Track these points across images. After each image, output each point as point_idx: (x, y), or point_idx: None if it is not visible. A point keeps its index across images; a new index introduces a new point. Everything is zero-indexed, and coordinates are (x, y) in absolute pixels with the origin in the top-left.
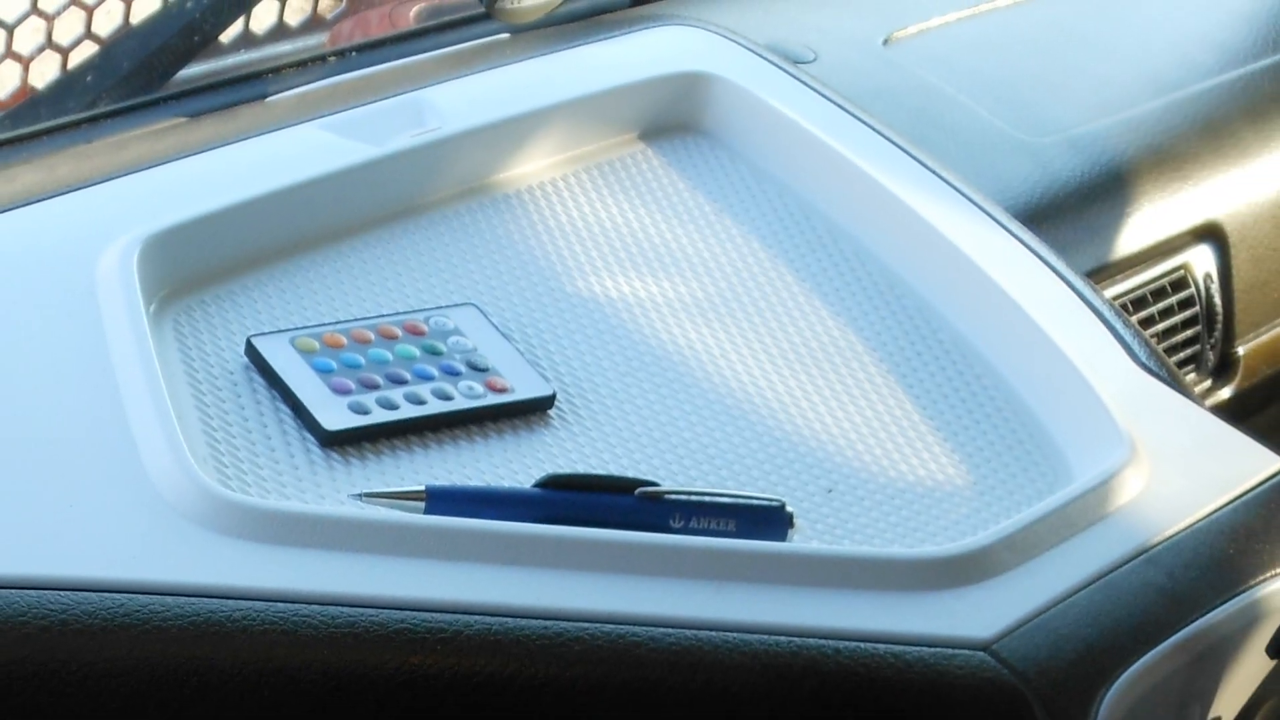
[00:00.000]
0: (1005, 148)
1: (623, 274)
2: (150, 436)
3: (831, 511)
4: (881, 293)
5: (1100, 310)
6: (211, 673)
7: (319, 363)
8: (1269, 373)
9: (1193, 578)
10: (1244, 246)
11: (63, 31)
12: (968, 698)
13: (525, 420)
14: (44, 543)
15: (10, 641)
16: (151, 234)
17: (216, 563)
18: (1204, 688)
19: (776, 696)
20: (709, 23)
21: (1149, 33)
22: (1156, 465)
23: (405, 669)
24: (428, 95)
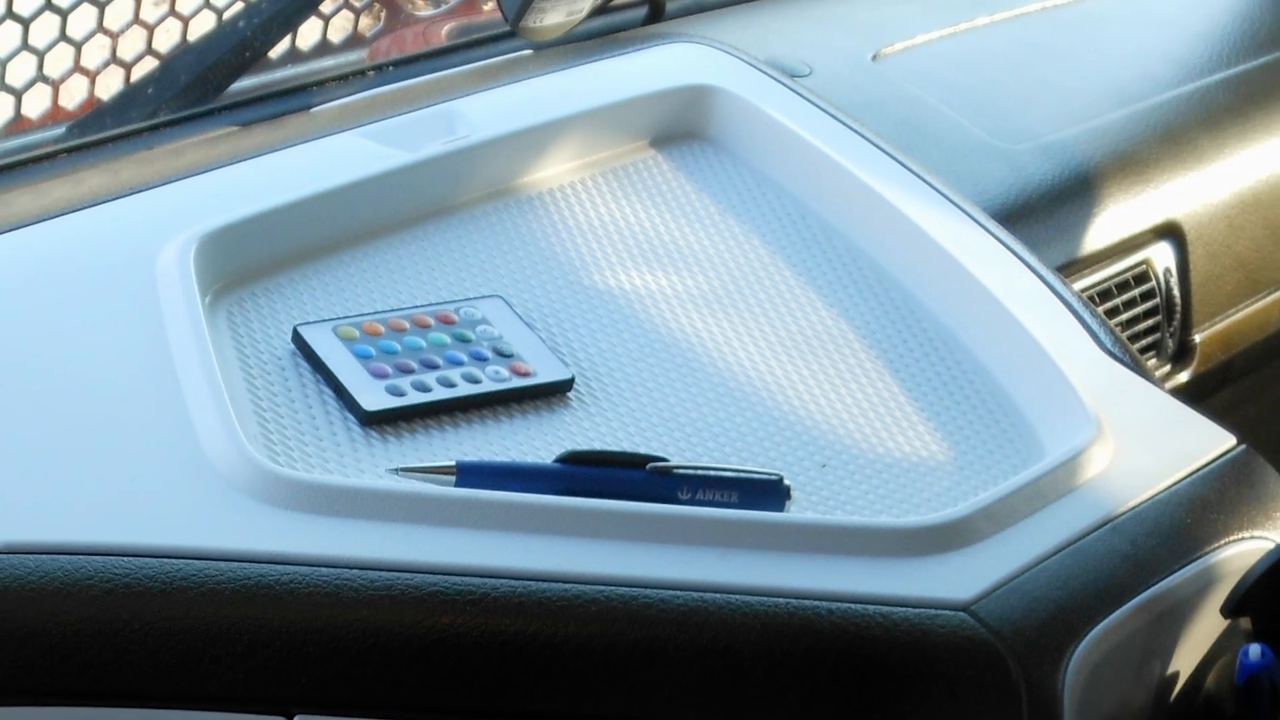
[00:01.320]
0: (983, 154)
1: (635, 269)
2: (205, 416)
3: (825, 484)
4: (871, 286)
5: (1069, 301)
6: (261, 632)
7: (359, 349)
8: (1223, 358)
9: (1154, 545)
10: (1200, 244)
11: (126, 48)
12: (949, 655)
13: (546, 402)
14: (108, 513)
15: (78, 603)
16: (207, 232)
17: (265, 531)
18: (1164, 645)
19: (775, 654)
20: (714, 40)
21: (1113, 49)
22: (1120, 443)
23: (437, 628)
24: (458, 106)
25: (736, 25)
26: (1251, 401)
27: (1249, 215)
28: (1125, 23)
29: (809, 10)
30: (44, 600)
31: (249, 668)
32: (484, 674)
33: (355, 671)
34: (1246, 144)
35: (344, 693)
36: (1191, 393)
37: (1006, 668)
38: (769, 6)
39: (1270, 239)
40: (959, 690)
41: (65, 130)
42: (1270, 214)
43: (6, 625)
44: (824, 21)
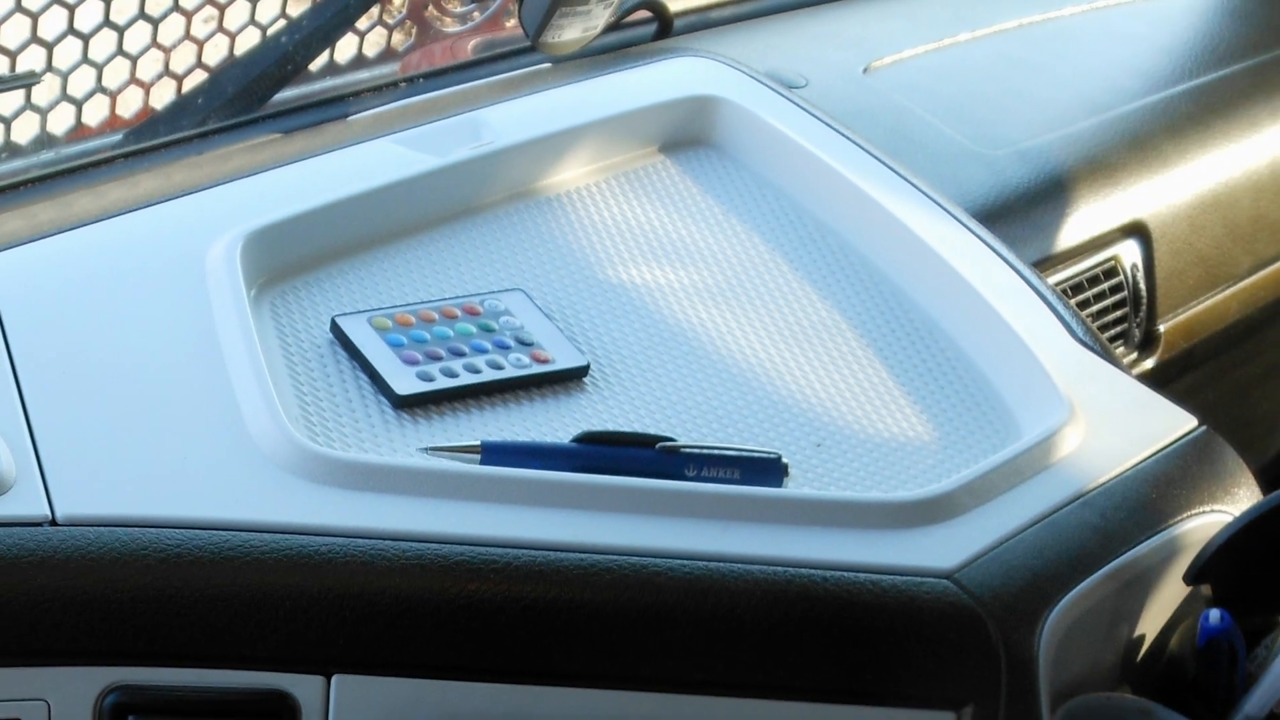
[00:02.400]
0: (965, 159)
1: (646, 265)
2: (250, 399)
3: (820, 462)
4: (862, 280)
5: (1044, 294)
6: (302, 598)
7: (392, 338)
8: (1185, 346)
9: (1121, 518)
10: (1164, 241)
11: (177, 62)
12: (933, 618)
13: (564, 386)
14: (161, 489)
15: (134, 571)
16: (252, 230)
17: (306, 505)
18: (1131, 610)
19: (774, 618)
20: (717, 54)
21: (1084, 62)
22: (1091, 424)
23: (464, 594)
24: (482, 115)
25: (738, 40)
26: (1211, 386)
27: (1209, 215)
28: (1095, 38)
29: (805, 27)
30: (103, 569)
31: (291, 631)
32: (506, 636)
33: (388, 634)
34: (1207, 149)
35: (378, 654)
36: (1156, 378)
37: (986, 631)
38: (768, 23)
39: (1229, 237)
40: (943, 651)
41: (122, 137)
42: (1229, 214)
43: (69, 592)
44: (819, 37)
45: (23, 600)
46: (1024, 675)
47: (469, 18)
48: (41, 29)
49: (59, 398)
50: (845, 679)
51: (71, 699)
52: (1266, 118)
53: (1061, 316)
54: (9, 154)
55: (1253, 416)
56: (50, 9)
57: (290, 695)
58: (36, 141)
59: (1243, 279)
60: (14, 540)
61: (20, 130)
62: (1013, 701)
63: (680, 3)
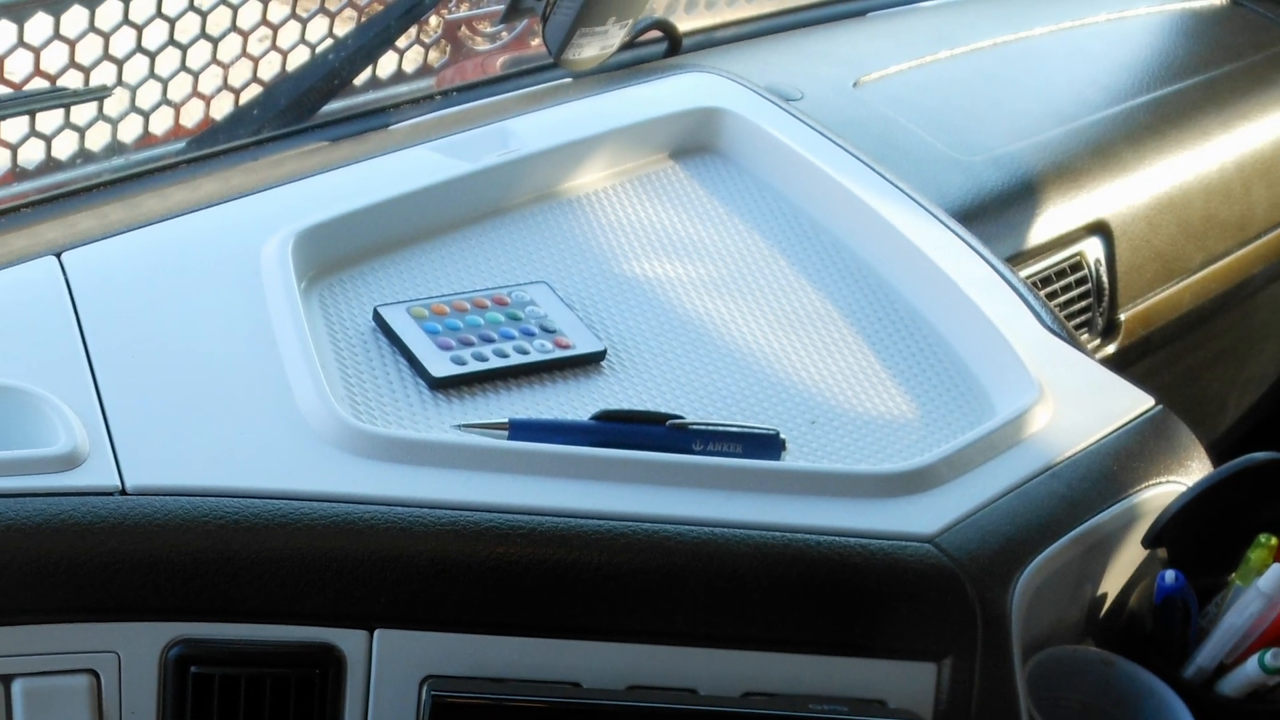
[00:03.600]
0: (945, 164)
1: (657, 260)
2: (300, 381)
3: (814, 438)
4: (852, 274)
5: (1016, 287)
6: (347, 560)
7: (428, 326)
8: (1144, 333)
9: (1086, 488)
10: (1125, 239)
11: (235, 77)
12: (916, 578)
13: (584, 369)
14: (219, 462)
15: (196, 536)
16: (302, 229)
17: (350, 477)
18: (1094, 572)
19: (772, 578)
20: (722, 70)
21: (1052, 77)
22: (1058, 403)
23: (493, 557)
24: (510, 124)
25: (741, 58)
26: (1167, 369)
27: (1165, 215)
28: (1062, 55)
29: (800, 45)
30: (168, 534)
31: (337, 590)
32: (531, 595)
33: (425, 593)
34: (1163, 156)
35: (416, 611)
36: (1117, 362)
37: (964, 590)
38: (768, 42)
39: (1182, 235)
40: (925, 608)
41: (185, 145)
42: (1182, 214)
43: (137, 555)
44: (813, 55)
45: (96, 562)
46: (998, 630)
47: (498, 37)
48: (112, 47)
49: (128, 380)
50: (837, 633)
51: (139, 652)
52: (1217, 127)
53: (1032, 306)
54: (83, 160)
55: (1204, 396)
56: (120, 29)
57: (336, 648)
58: (108, 149)
59: (1195, 273)
60: (88, 508)
61: (93, 138)
62: (987, 654)
63: (688, 23)
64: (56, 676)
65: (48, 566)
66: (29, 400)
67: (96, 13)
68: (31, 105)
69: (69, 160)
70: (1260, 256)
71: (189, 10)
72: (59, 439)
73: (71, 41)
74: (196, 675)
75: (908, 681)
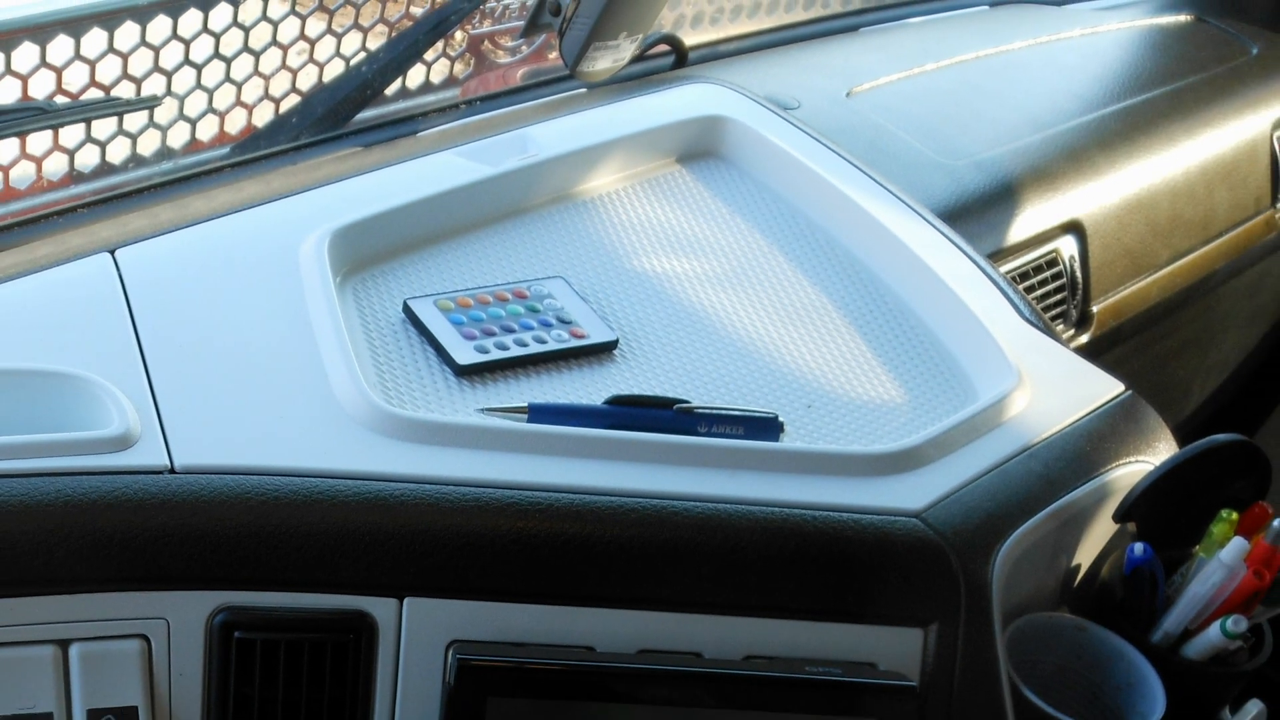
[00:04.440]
0: (931, 168)
1: (665, 256)
2: (336, 368)
3: (810, 421)
4: (845, 269)
5: (996, 281)
6: (379, 533)
7: (454, 317)
8: (1114, 324)
9: (1061, 467)
10: (1097, 237)
11: (275, 87)
12: (904, 551)
13: (597, 357)
14: (261, 443)
15: (239, 511)
16: (338, 228)
17: (381, 456)
18: (1069, 544)
19: (771, 550)
20: (725, 81)
21: (1030, 87)
22: (1036, 389)
23: (514, 531)
24: (529, 131)
25: (742, 69)
26: (1136, 357)
27: (1134, 215)
28: (1039, 67)
29: (797, 58)
30: (213, 509)
31: (369, 561)
32: (549, 566)
33: (451, 564)
34: (1132, 160)
35: (442, 581)
36: (1090, 351)
37: (948, 561)
38: (767, 55)
39: (1150, 233)
40: (912, 578)
41: (229, 150)
42: (1150, 214)
43: (184, 528)
44: (809, 67)
45: (146, 536)
46: (980, 598)
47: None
48: (162, 60)
49: (176, 367)
50: (830, 601)
51: (186, 618)
52: (1182, 134)
53: (1011, 299)
54: (135, 164)
55: (1170, 382)
56: (169, 43)
57: (369, 614)
58: (158, 154)
59: (1162, 268)
60: (139, 486)
61: (144, 144)
62: (970, 620)
63: (694, 38)
64: (110, 641)
65: (102, 539)
66: (85, 386)
67: (147, 28)
68: (87, 114)
69: (122, 164)
70: (1222, 253)
71: (233, 25)
72: (113, 422)
73: (124, 55)
74: (240, 640)
75: (896, 646)
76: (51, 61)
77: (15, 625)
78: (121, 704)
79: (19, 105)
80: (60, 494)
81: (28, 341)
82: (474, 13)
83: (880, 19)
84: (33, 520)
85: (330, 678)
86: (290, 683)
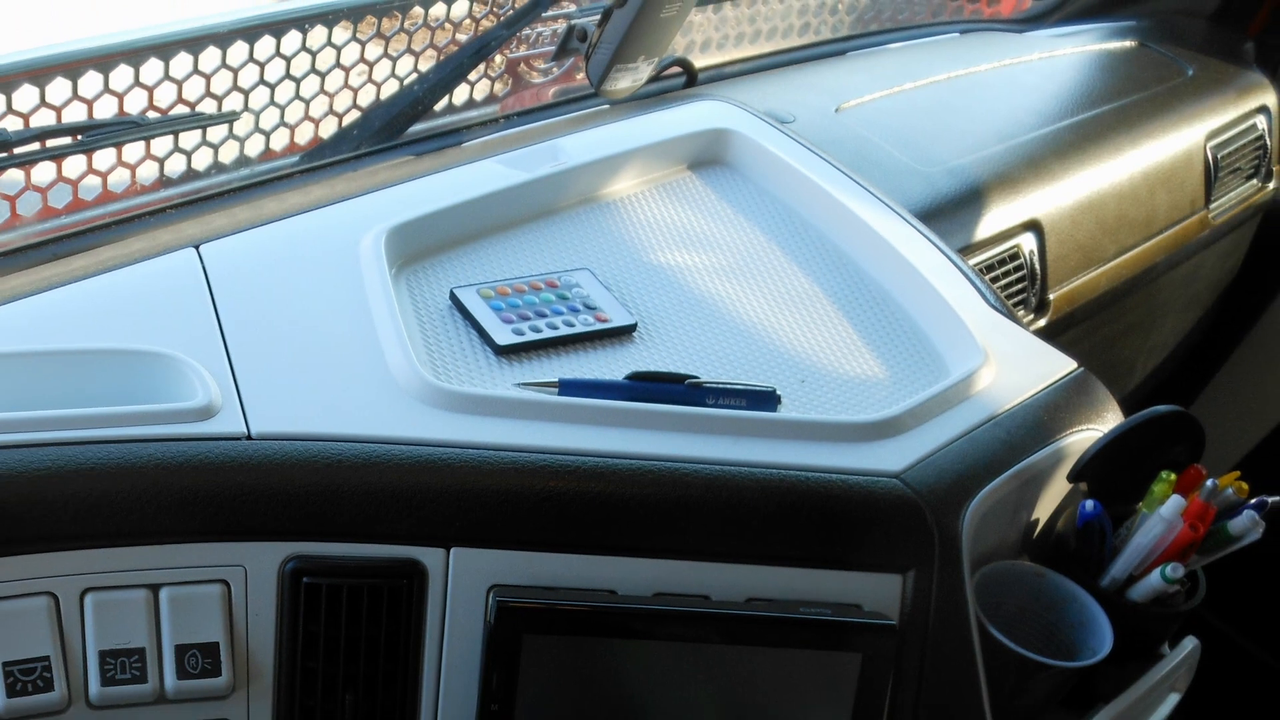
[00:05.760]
0: (908, 174)
1: (678, 251)
2: (391, 348)
3: (803, 394)
4: (834, 261)
5: (966, 272)
6: (429, 492)
7: (494, 304)
8: (1068, 310)
9: (1022, 434)
10: (1053, 234)
11: (339, 104)
12: (886, 506)
13: (619, 339)
14: (326, 413)
15: (307, 472)
16: (393, 226)
17: (430, 425)
18: (1029, 501)
19: (770, 506)
20: (730, 98)
21: (995, 104)
22: (1000, 366)
23: (546, 490)
24: (560, 142)
25: (745, 88)
26: (1087, 339)
27: (1085, 215)
28: (1003, 86)
29: (793, 78)
30: (285, 471)
31: (420, 516)
32: (576, 520)
33: (491, 519)
34: (1084, 167)
35: (484, 533)
36: (1047, 333)
37: (924, 516)
38: (766, 76)
39: (1099, 230)
40: (893, 531)
41: (298, 158)
42: (1099, 214)
43: (260, 488)
44: (803, 86)
45: (226, 494)
46: (951, 548)
47: (549, 72)
48: (240, 80)
49: (252, 346)
50: (821, 551)
51: (261, 565)
52: (1127, 144)
53: (978, 288)
54: (216, 170)
55: (1117, 360)
56: (246, 65)
57: (420, 562)
58: (236, 161)
59: (1110, 261)
60: (220, 451)
61: (224, 153)
62: (943, 567)
63: (702, 61)
64: (195, 586)
65: (188, 497)
66: (173, 364)
67: (227, 52)
68: (175, 127)
69: (205, 171)
70: (1162, 248)
71: (301, 50)
72: (197, 395)
73: (207, 75)
74: (308, 585)
75: (879, 589)
76: (144, 81)
77: (114, 571)
78: (205, 640)
79: (116, 120)
80: (152, 458)
81: (123, 325)
82: (511, 39)
83: (864, 44)
84: (128, 480)
85: (386, 618)
86: (351, 622)
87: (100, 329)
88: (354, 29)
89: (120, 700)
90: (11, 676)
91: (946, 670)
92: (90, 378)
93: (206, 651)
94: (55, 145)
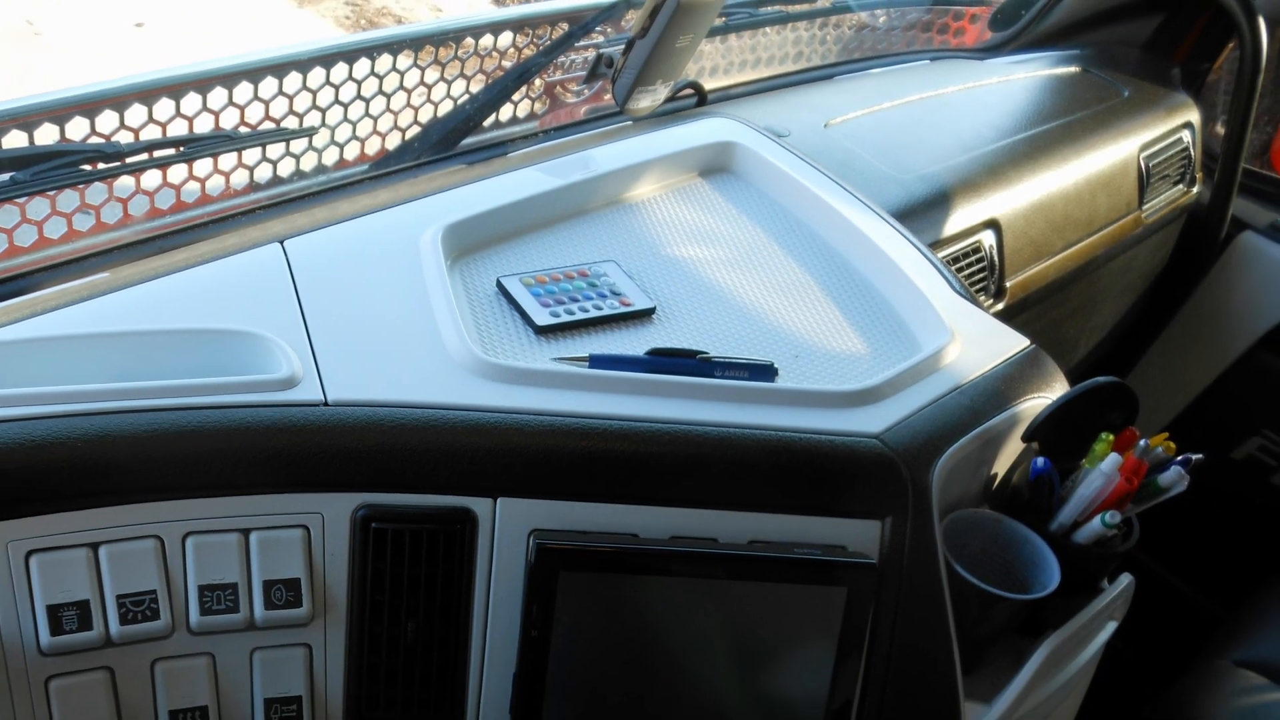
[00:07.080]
0: (886, 180)
1: (691, 246)
2: (447, 328)
3: (797, 367)
4: (823, 255)
5: (935, 263)
6: (478, 450)
7: (534, 290)
8: (1022, 296)
9: (983, 401)
10: (1010, 232)
11: (402, 120)
12: (868, 462)
13: (640, 320)
14: (391, 382)
15: (376, 433)
16: (449, 224)
17: (480, 393)
18: (989, 459)
19: (768, 462)
20: (736, 115)
21: (961, 120)
22: (964, 343)
23: (579, 449)
24: (591, 153)
25: (748, 107)
26: (1038, 321)
27: (1037, 215)
28: (969, 106)
29: (788, 98)
30: (356, 432)
31: (471, 471)
32: (605, 474)
33: (532, 472)
34: (1036, 174)
35: (525, 484)
36: (1004, 316)
37: (899, 471)
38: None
39: (1048, 228)
40: (873, 483)
41: (367, 167)
42: (1048, 214)
43: (335, 447)
44: (797, 105)
45: (306, 452)
46: (923, 498)
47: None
48: (318, 100)
49: (329, 327)
50: (812, 499)
51: (336, 513)
52: (1072, 155)
53: (946, 277)
54: (298, 176)
55: (1063, 339)
56: (323, 88)
57: (471, 510)
58: (314, 169)
59: (1057, 254)
60: (302, 415)
61: (305, 162)
62: (916, 515)
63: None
64: (280, 530)
65: (273, 455)
66: (261, 342)
67: (307, 76)
68: (262, 140)
69: (288, 177)
70: (1102, 243)
71: (370, 74)
72: (281, 368)
73: (290, 96)
74: (375, 530)
75: (861, 534)
76: (236, 101)
77: (210, 518)
78: (288, 576)
79: (212, 134)
80: (243, 421)
81: (219, 308)
82: (549, 65)
83: (849, 70)
84: (222, 441)
85: (442, 558)
86: (413, 561)
87: (199, 312)
88: (415, 56)
89: (216, 628)
90: (124, 607)
91: (919, 602)
92: (191, 353)
93: (289, 586)
94: (161, 155)
